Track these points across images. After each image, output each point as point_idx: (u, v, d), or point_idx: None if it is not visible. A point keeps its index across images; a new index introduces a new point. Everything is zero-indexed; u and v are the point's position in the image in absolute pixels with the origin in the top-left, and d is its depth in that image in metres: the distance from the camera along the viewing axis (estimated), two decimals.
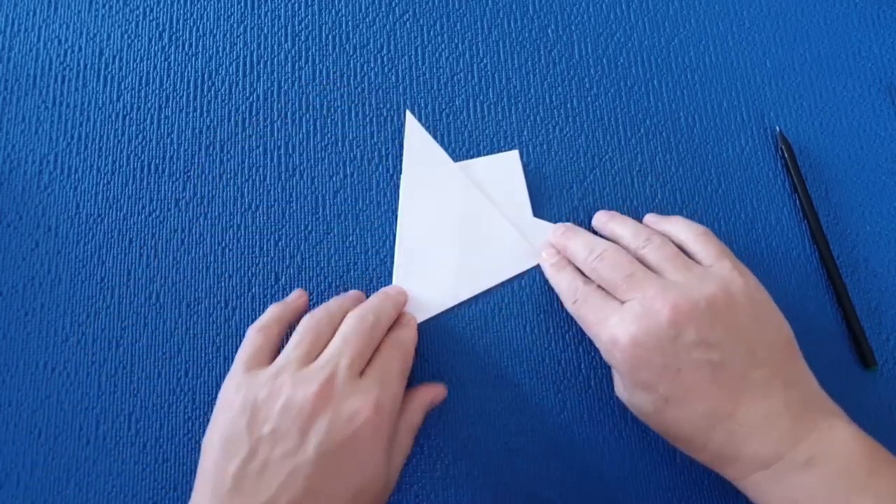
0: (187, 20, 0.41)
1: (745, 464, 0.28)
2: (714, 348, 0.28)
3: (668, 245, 0.33)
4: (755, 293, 0.31)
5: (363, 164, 0.39)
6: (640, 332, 0.29)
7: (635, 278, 0.31)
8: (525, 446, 0.35)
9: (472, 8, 0.42)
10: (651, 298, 0.29)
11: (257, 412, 0.28)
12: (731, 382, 0.28)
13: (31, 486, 0.34)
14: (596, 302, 0.32)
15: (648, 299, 0.30)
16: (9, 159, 0.38)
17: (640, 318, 0.29)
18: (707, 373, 0.28)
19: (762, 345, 0.29)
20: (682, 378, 0.28)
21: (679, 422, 0.29)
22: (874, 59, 0.43)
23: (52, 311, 0.36)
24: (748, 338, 0.29)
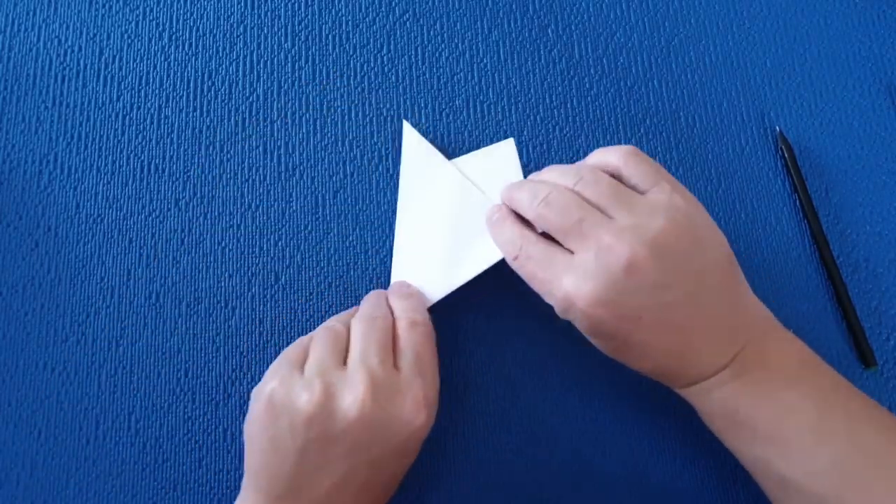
0: (187, 20, 0.41)
1: (690, 378, 0.30)
2: (670, 288, 0.28)
3: (601, 178, 0.31)
4: (696, 215, 0.30)
5: (363, 164, 0.39)
6: (599, 289, 0.28)
7: (586, 224, 0.29)
8: (525, 446, 0.35)
9: (472, 8, 0.42)
10: (606, 250, 0.28)
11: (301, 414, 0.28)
12: (686, 318, 0.29)
13: (31, 486, 0.34)
14: (543, 256, 0.30)
15: (603, 251, 0.28)
16: (9, 159, 0.38)
17: (598, 274, 0.28)
18: (666, 314, 0.29)
19: (708, 270, 0.30)
20: (643, 323, 0.29)
21: (635, 358, 0.30)
22: (874, 59, 0.43)
23: (52, 311, 0.36)
24: (696, 266, 0.29)
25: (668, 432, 0.36)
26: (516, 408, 0.36)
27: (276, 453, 0.28)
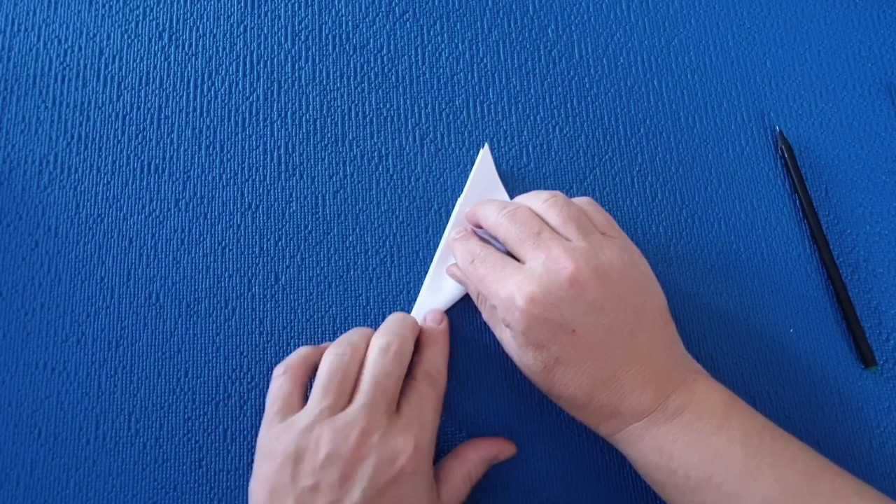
0: (187, 20, 0.41)
1: (622, 418, 0.30)
2: (607, 313, 0.30)
3: (571, 205, 0.33)
4: (640, 264, 0.32)
5: (363, 164, 0.39)
6: (541, 290, 0.29)
7: (542, 237, 0.31)
8: (526, 446, 0.35)
9: (472, 8, 0.42)
10: (554, 259, 0.30)
11: (299, 463, 0.28)
12: (618, 346, 0.30)
13: (31, 486, 0.34)
14: (495, 261, 0.32)
15: (552, 259, 0.30)
16: (9, 159, 0.38)
17: (542, 277, 0.30)
18: (600, 335, 0.30)
19: (645, 312, 0.31)
20: (575, 338, 0.29)
21: (566, 381, 0.30)
22: (874, 59, 0.43)
23: (52, 311, 0.36)
24: (634, 305, 0.31)
25: None
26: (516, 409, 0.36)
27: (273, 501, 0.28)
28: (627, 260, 0.31)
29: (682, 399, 0.30)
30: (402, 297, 0.37)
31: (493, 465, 0.34)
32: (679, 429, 0.29)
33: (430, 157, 0.39)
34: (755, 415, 0.31)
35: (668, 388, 0.30)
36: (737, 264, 0.39)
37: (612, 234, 0.32)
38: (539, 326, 0.29)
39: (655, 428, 0.30)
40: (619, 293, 0.30)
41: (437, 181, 0.39)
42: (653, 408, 0.30)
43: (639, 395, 0.30)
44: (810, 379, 0.37)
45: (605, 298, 0.30)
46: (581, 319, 0.29)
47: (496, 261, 0.32)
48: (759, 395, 0.37)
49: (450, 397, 0.35)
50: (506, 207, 0.33)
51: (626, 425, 0.30)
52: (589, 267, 0.30)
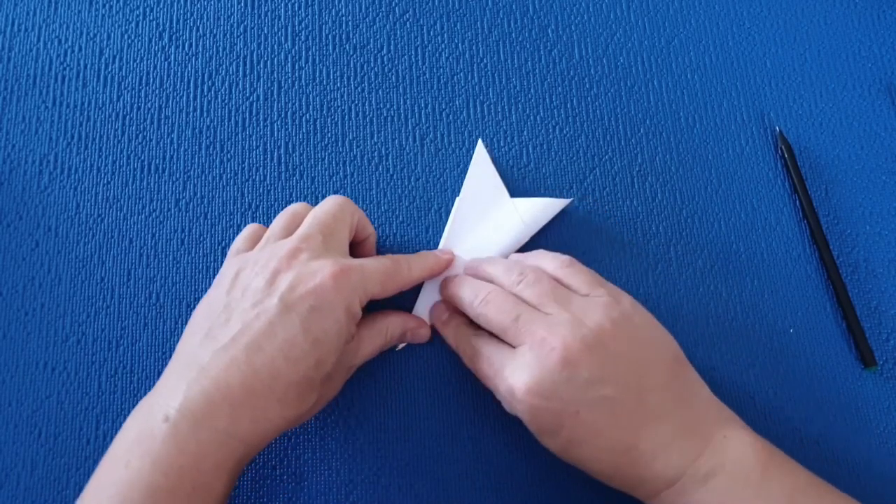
0: (187, 20, 0.41)
1: (652, 485, 0.29)
2: (607, 383, 0.29)
3: (542, 279, 0.32)
4: (635, 316, 0.31)
5: (363, 164, 0.39)
6: (535, 380, 0.29)
7: (522, 320, 0.30)
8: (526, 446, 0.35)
9: (472, 8, 0.42)
10: (540, 343, 0.29)
11: (236, 280, 0.30)
12: (628, 414, 0.29)
13: (31, 486, 0.34)
14: (488, 352, 0.31)
15: (537, 344, 0.29)
16: (9, 159, 0.38)
17: (532, 366, 0.29)
18: (605, 409, 0.29)
19: (651, 368, 0.30)
20: (581, 418, 0.29)
21: (585, 459, 0.30)
22: (874, 59, 0.43)
23: (52, 311, 0.36)
24: (637, 364, 0.29)
25: None
26: None
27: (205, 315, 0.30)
28: (617, 317, 0.30)
29: (714, 460, 0.28)
30: (401, 298, 0.37)
31: (408, 342, 0.35)
32: (715, 496, 0.28)
33: (430, 157, 0.39)
34: (796, 469, 0.29)
35: (694, 449, 0.29)
36: (737, 264, 0.39)
37: (595, 293, 0.31)
38: (542, 415, 0.29)
39: (689, 496, 0.28)
40: (616, 357, 0.29)
41: (437, 181, 0.39)
42: (681, 472, 0.28)
43: (663, 460, 0.28)
44: (810, 379, 0.37)
45: (601, 368, 0.29)
46: (582, 398, 0.28)
47: (489, 352, 0.31)
48: (759, 395, 0.37)
49: (448, 397, 0.35)
50: (478, 295, 0.32)
51: (658, 493, 0.29)
52: (577, 340, 0.29)
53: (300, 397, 0.28)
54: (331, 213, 0.32)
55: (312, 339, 0.28)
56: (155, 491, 0.25)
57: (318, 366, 0.28)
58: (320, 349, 0.28)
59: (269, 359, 0.27)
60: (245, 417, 0.27)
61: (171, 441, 0.26)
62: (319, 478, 0.34)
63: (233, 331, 0.28)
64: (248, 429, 0.27)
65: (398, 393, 0.36)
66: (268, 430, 0.28)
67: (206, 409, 0.26)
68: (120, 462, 0.26)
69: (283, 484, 0.34)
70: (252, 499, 0.34)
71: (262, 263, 0.30)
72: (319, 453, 0.35)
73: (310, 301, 0.28)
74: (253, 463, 0.34)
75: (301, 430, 0.35)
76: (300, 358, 0.28)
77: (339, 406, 0.35)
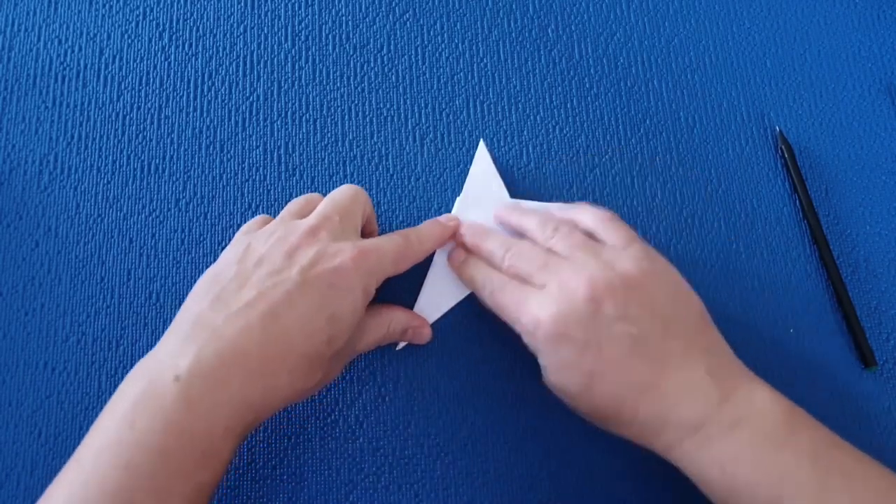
0: (187, 20, 0.41)
1: (674, 431, 0.29)
2: (632, 322, 0.29)
3: (575, 232, 0.33)
4: (665, 272, 0.31)
5: (363, 164, 0.39)
6: (560, 310, 0.29)
7: (551, 264, 0.31)
8: (525, 445, 0.35)
9: (472, 8, 0.42)
10: (567, 279, 0.30)
11: (249, 249, 0.30)
12: (651, 354, 0.29)
13: (31, 486, 0.34)
14: (512, 288, 0.32)
15: (564, 280, 0.30)
16: (9, 159, 0.38)
17: (559, 298, 0.30)
18: (628, 346, 0.29)
19: (676, 319, 0.30)
20: (604, 353, 0.29)
21: (606, 397, 0.29)
22: (874, 59, 0.43)
23: (52, 311, 0.36)
24: (662, 313, 0.30)
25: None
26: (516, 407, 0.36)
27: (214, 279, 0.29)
28: (647, 267, 0.30)
29: (740, 409, 0.28)
30: (402, 298, 0.37)
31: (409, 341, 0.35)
32: (740, 445, 0.28)
33: (430, 157, 0.39)
34: (820, 427, 0.29)
35: (720, 395, 0.28)
36: (737, 264, 0.39)
37: (630, 247, 0.32)
38: (565, 347, 0.29)
39: (713, 444, 0.28)
40: (642, 301, 0.30)
41: (437, 181, 0.39)
42: (707, 417, 0.28)
43: (687, 404, 0.28)
44: (810, 379, 0.37)
45: (626, 307, 0.29)
46: (605, 333, 0.29)
47: (513, 288, 0.32)
48: None
49: (449, 396, 0.35)
50: (509, 248, 0.33)
51: (681, 441, 0.29)
52: (604, 280, 0.29)
53: (309, 371, 0.28)
54: (348, 197, 0.32)
55: (328, 315, 0.28)
56: (165, 454, 0.24)
57: (330, 342, 0.28)
58: (334, 326, 0.28)
59: (285, 329, 0.27)
60: (258, 384, 0.27)
61: (183, 402, 0.25)
62: (319, 478, 0.34)
63: (247, 297, 0.27)
64: (259, 395, 0.27)
65: (398, 393, 0.36)
66: (276, 399, 0.28)
67: (221, 372, 0.26)
68: (123, 423, 0.25)
69: (283, 484, 0.34)
70: (252, 499, 0.34)
71: (280, 236, 0.30)
72: (319, 453, 0.35)
73: (330, 279, 0.28)
74: (253, 463, 0.34)
75: (301, 429, 0.35)
76: (315, 332, 0.28)
77: (340, 406, 0.35)
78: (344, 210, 0.32)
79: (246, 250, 0.30)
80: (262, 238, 0.30)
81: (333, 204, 0.32)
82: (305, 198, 0.34)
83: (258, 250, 0.30)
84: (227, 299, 0.28)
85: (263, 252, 0.29)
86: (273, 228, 0.31)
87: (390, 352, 0.36)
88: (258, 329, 0.27)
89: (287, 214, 0.33)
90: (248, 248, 0.30)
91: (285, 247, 0.29)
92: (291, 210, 0.33)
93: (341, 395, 0.35)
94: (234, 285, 0.28)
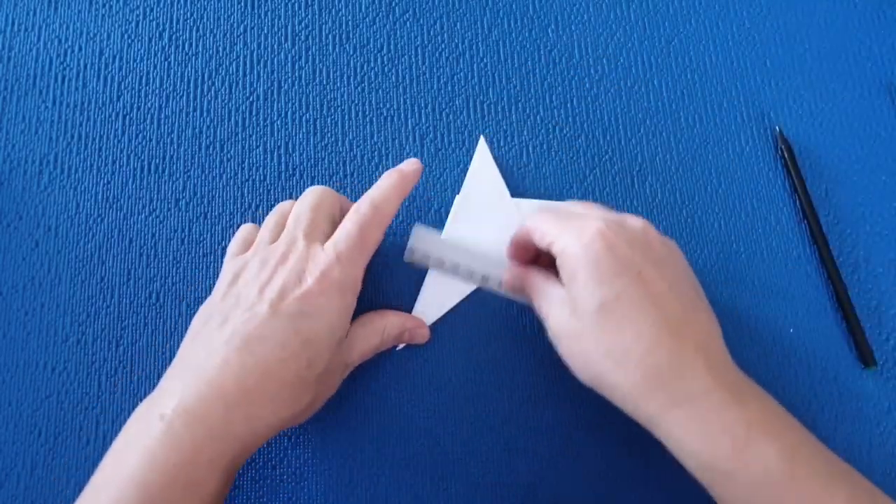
0: (187, 20, 0.41)
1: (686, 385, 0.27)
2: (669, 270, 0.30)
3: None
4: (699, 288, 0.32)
5: (363, 164, 0.39)
6: (617, 226, 0.30)
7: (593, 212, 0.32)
8: (525, 446, 0.35)
9: (472, 8, 0.42)
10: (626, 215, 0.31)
11: (232, 287, 0.31)
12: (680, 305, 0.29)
13: (31, 486, 0.34)
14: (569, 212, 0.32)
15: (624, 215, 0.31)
16: (9, 159, 0.38)
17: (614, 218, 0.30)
18: (663, 287, 0.29)
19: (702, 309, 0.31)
20: (640, 281, 0.28)
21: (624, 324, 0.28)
22: (874, 59, 0.43)
23: (52, 311, 0.36)
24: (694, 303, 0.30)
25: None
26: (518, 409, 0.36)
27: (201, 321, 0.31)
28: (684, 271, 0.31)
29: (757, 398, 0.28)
30: (402, 298, 0.37)
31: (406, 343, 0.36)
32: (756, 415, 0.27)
33: (430, 157, 0.39)
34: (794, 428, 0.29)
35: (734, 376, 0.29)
36: (737, 264, 0.39)
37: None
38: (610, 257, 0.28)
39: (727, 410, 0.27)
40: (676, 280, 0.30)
41: (437, 181, 0.39)
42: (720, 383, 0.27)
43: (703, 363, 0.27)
44: (810, 379, 0.37)
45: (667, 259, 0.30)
46: (648, 267, 0.29)
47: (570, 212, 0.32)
48: None
49: (449, 396, 0.35)
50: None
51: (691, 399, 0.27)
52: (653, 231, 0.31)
53: (294, 397, 0.29)
54: (309, 207, 0.33)
55: (302, 339, 0.29)
56: (149, 486, 0.26)
57: (309, 366, 0.29)
58: (311, 349, 0.29)
59: (261, 359, 0.28)
60: (239, 416, 0.28)
61: (166, 438, 0.27)
62: (319, 478, 0.34)
63: (226, 334, 0.29)
64: (242, 427, 0.28)
65: (398, 393, 0.36)
66: (261, 428, 0.29)
67: (201, 408, 0.27)
68: (118, 459, 0.27)
69: (283, 484, 0.34)
70: (252, 499, 0.34)
71: (254, 272, 0.31)
72: (319, 453, 0.35)
73: (299, 307, 0.29)
74: (253, 463, 0.34)
75: (301, 429, 0.35)
76: (290, 358, 0.29)
77: (340, 406, 0.35)
78: (309, 223, 0.32)
79: (230, 286, 0.31)
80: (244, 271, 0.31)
81: (295, 220, 0.32)
82: (279, 211, 0.34)
83: (238, 287, 0.31)
84: (211, 337, 0.29)
85: (241, 290, 0.30)
86: (250, 261, 0.32)
87: (390, 352, 0.36)
88: (235, 363, 0.28)
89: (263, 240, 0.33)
90: (233, 284, 0.31)
91: (258, 283, 0.30)
92: (266, 232, 0.33)
93: (341, 396, 0.35)
94: (216, 322, 0.30)
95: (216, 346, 0.28)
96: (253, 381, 0.28)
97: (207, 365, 0.28)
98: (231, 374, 0.28)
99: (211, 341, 0.29)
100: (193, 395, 0.27)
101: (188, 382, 0.28)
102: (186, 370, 0.29)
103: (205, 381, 0.28)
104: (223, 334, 0.29)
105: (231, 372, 0.28)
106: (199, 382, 0.28)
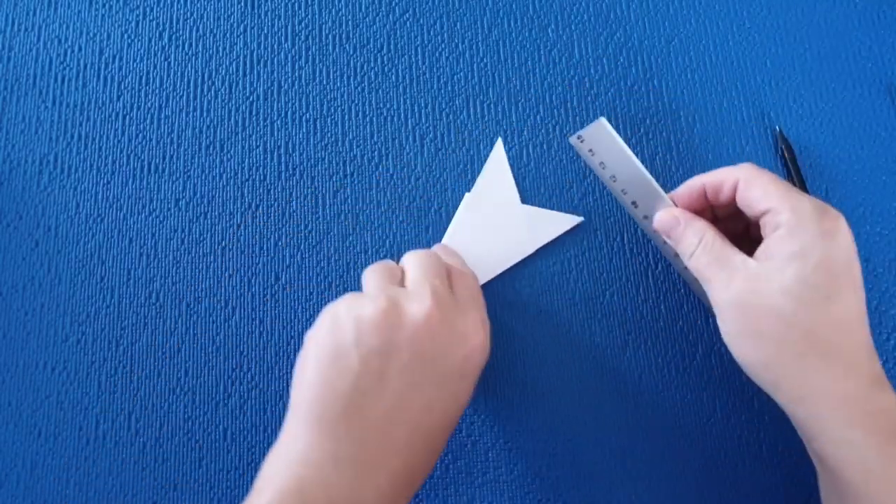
0: (187, 20, 0.41)
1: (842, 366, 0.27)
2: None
3: None
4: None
5: (363, 164, 0.39)
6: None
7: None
8: (525, 445, 0.35)
9: (472, 8, 0.42)
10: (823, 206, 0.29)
11: (366, 321, 0.28)
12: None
13: (31, 486, 0.34)
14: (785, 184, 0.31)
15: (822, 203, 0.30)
16: (9, 159, 0.38)
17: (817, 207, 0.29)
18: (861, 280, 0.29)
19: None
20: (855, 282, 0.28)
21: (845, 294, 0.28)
22: (874, 59, 0.43)
23: (52, 311, 0.36)
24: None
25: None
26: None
27: (334, 367, 0.27)
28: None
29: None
30: None
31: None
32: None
33: (430, 157, 0.39)
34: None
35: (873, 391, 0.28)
36: None
37: None
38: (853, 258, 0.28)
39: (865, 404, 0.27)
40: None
41: (437, 181, 0.39)
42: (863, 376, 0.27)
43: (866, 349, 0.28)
44: None
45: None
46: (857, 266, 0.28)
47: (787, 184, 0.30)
48: (759, 394, 0.36)
49: None
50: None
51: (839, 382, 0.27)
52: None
53: (449, 434, 0.30)
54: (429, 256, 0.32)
55: (461, 404, 0.30)
56: None
57: (462, 407, 0.30)
58: (466, 398, 0.30)
59: (427, 434, 0.29)
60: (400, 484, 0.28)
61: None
62: None
63: (388, 402, 0.27)
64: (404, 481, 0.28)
65: None
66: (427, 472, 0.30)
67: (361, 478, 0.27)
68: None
69: None
70: None
71: (398, 315, 0.28)
72: None
73: (460, 370, 0.29)
74: (253, 463, 0.34)
75: None
76: (454, 420, 0.30)
77: None
78: (437, 272, 0.31)
79: (360, 330, 0.28)
80: (377, 313, 0.28)
81: (422, 267, 0.31)
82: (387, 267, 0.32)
83: (377, 333, 0.28)
84: (367, 400, 0.27)
85: (385, 337, 0.28)
86: (386, 299, 0.29)
87: None
88: (404, 446, 0.28)
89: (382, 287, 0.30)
90: (362, 327, 0.28)
91: (411, 334, 0.28)
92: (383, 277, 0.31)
93: None
94: (370, 381, 0.27)
95: (377, 418, 0.28)
96: (417, 460, 0.29)
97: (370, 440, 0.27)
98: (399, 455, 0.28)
99: (366, 414, 0.28)
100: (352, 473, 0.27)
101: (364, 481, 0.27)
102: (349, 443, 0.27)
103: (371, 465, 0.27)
104: (385, 401, 0.28)
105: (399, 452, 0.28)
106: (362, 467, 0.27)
